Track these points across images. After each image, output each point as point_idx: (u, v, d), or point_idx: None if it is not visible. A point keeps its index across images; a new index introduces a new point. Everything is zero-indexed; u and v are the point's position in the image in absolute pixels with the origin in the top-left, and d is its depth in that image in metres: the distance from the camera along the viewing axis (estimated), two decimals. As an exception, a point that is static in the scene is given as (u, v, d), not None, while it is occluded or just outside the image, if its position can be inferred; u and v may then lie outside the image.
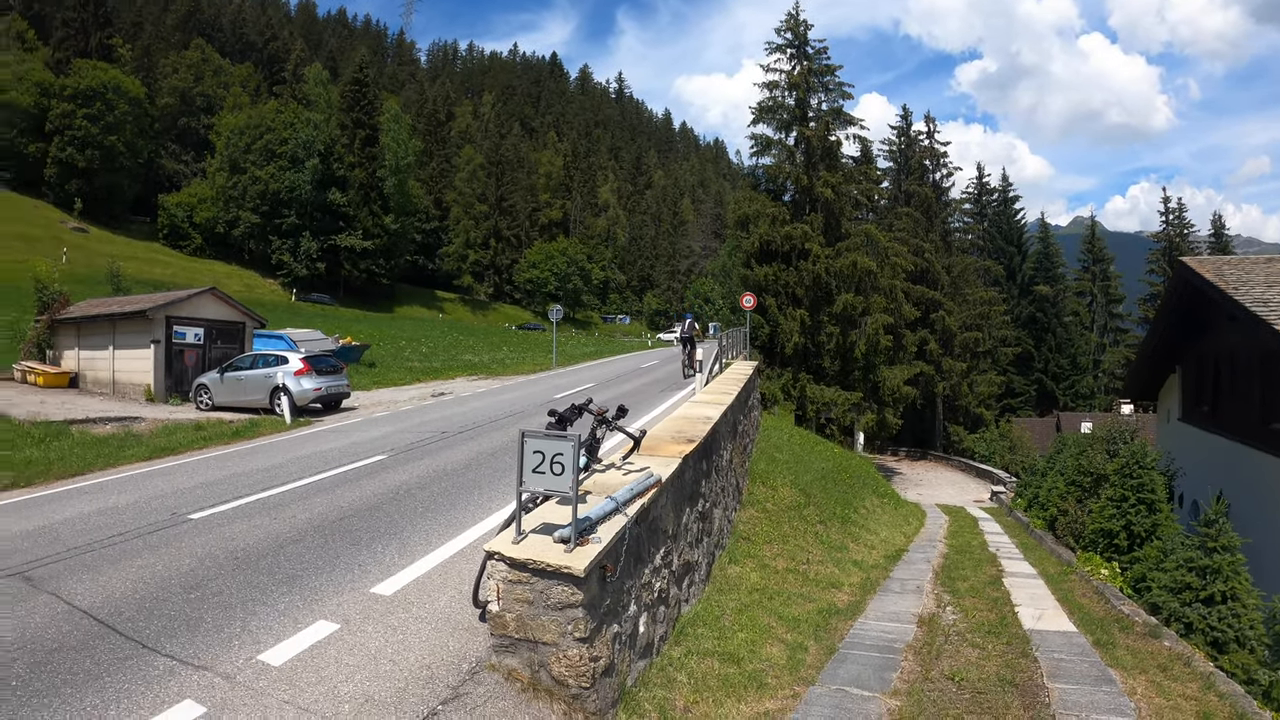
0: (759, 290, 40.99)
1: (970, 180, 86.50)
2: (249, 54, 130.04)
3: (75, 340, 28.60)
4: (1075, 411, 58.22)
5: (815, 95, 46.16)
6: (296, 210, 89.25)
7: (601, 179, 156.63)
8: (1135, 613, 10.58)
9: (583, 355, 51.94)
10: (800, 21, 46.28)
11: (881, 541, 17.03)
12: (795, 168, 44.44)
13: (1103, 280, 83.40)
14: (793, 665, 7.50)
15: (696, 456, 9.57)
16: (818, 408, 41.31)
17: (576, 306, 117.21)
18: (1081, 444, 21.67)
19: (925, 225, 61.58)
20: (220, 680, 5.51)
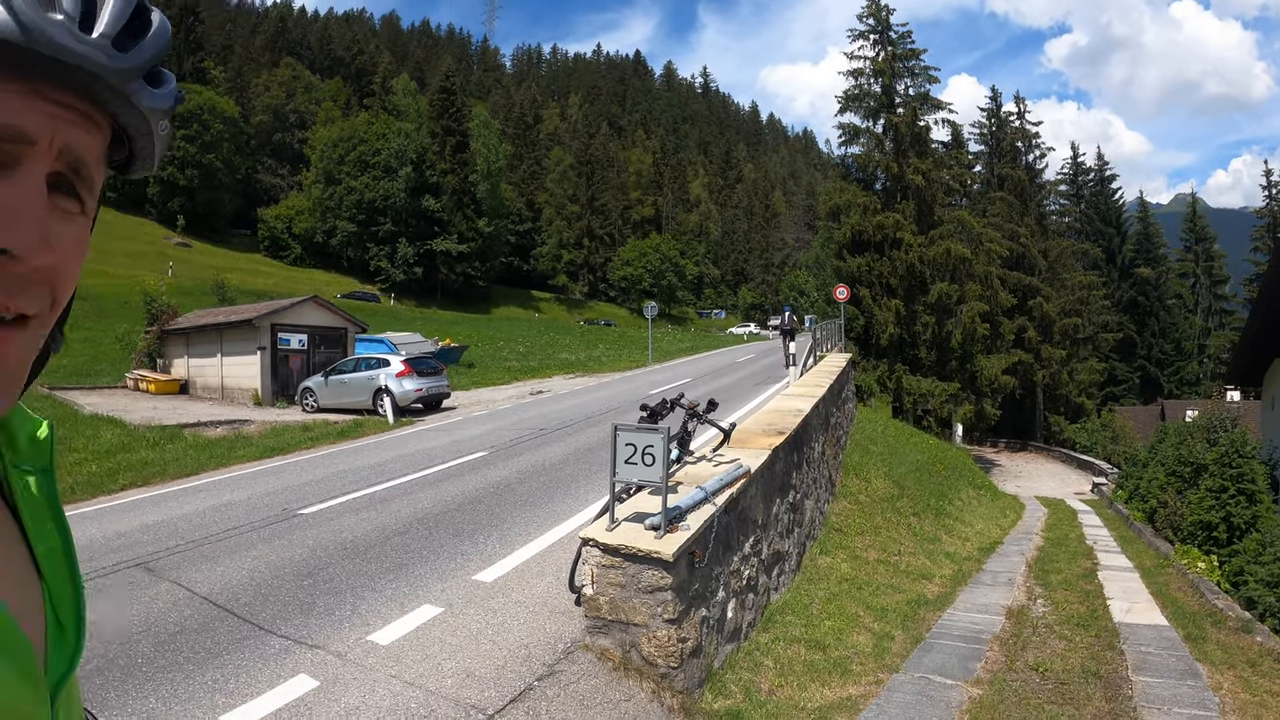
0: (852, 281, 40.76)
1: (1065, 160, 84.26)
2: (337, 69, 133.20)
3: (184, 349, 29.91)
4: (1180, 399, 56.60)
5: (901, 81, 45.67)
6: (392, 217, 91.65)
7: (692, 174, 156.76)
8: (1229, 607, 10.50)
9: (678, 351, 52.16)
10: (882, 7, 45.88)
11: (976, 534, 17.00)
12: (884, 156, 44.04)
13: (1206, 260, 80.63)
14: (878, 653, 7.72)
15: (786, 449, 9.81)
16: (914, 399, 40.93)
17: (671, 303, 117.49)
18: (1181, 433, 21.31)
19: (1020, 209, 60.31)
20: (332, 657, 5.93)
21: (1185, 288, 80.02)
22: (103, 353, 35.29)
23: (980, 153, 67.00)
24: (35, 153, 0.67)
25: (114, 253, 67.48)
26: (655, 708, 5.69)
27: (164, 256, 71.86)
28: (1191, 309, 79.19)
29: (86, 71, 0.66)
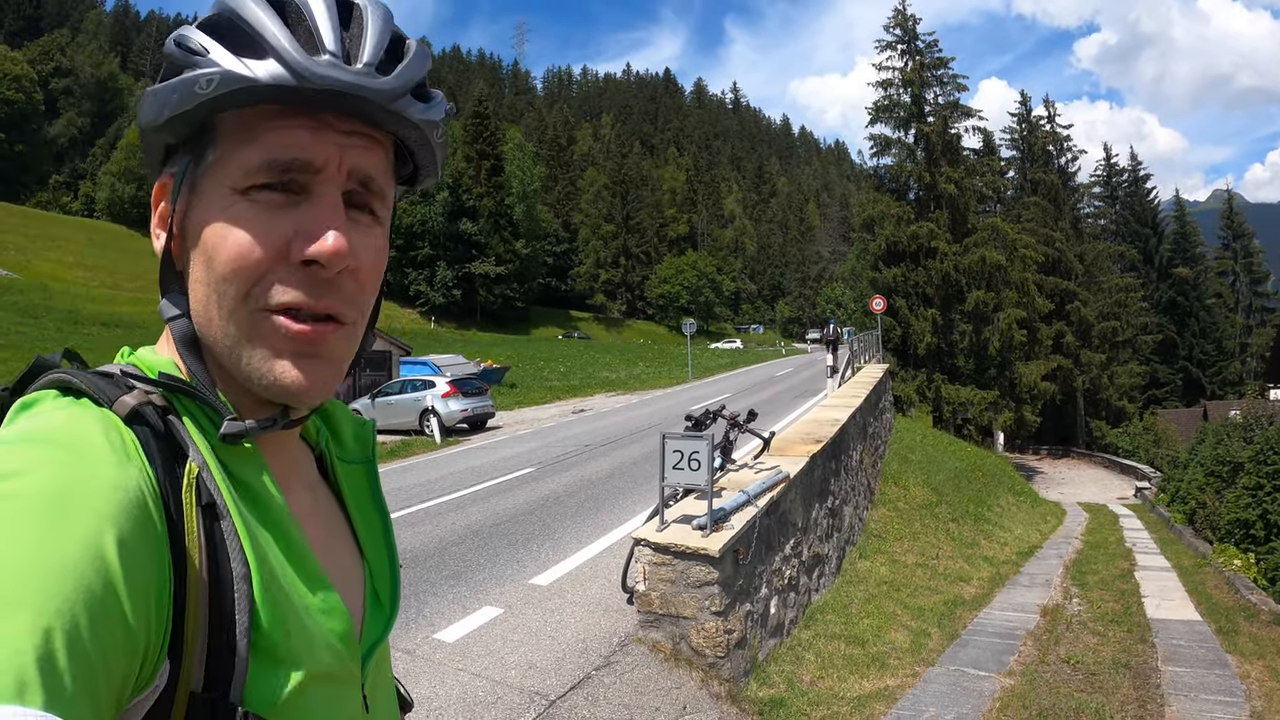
0: (888, 292, 40.78)
1: (1098, 162, 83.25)
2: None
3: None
4: (1223, 399, 55.98)
5: (930, 89, 45.86)
6: (430, 241, 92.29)
7: (725, 190, 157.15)
8: (1263, 602, 10.69)
9: (718, 367, 52.42)
10: (908, 16, 46.14)
11: (1015, 539, 17.19)
12: (916, 165, 44.19)
13: (1245, 257, 79.68)
14: (915, 649, 8.08)
15: (824, 456, 10.21)
16: (953, 408, 40.95)
17: (709, 319, 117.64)
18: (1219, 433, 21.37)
19: (1054, 213, 59.97)
20: (401, 655, 6.40)
21: (1225, 286, 79.05)
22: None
23: (1012, 158, 66.63)
24: (325, 177, 0.80)
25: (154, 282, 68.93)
26: (704, 695, 6.10)
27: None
28: (1232, 307, 78.19)
29: (358, 97, 0.78)
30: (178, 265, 0.85)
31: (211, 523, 0.74)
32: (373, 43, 0.79)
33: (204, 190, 0.80)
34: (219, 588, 0.72)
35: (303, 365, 0.80)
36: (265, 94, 0.75)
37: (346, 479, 1.03)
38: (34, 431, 0.69)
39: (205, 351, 0.83)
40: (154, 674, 0.67)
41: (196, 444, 0.78)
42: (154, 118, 0.79)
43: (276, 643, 0.74)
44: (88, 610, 0.59)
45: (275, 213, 0.78)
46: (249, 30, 0.76)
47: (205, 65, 0.75)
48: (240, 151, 0.78)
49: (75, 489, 0.64)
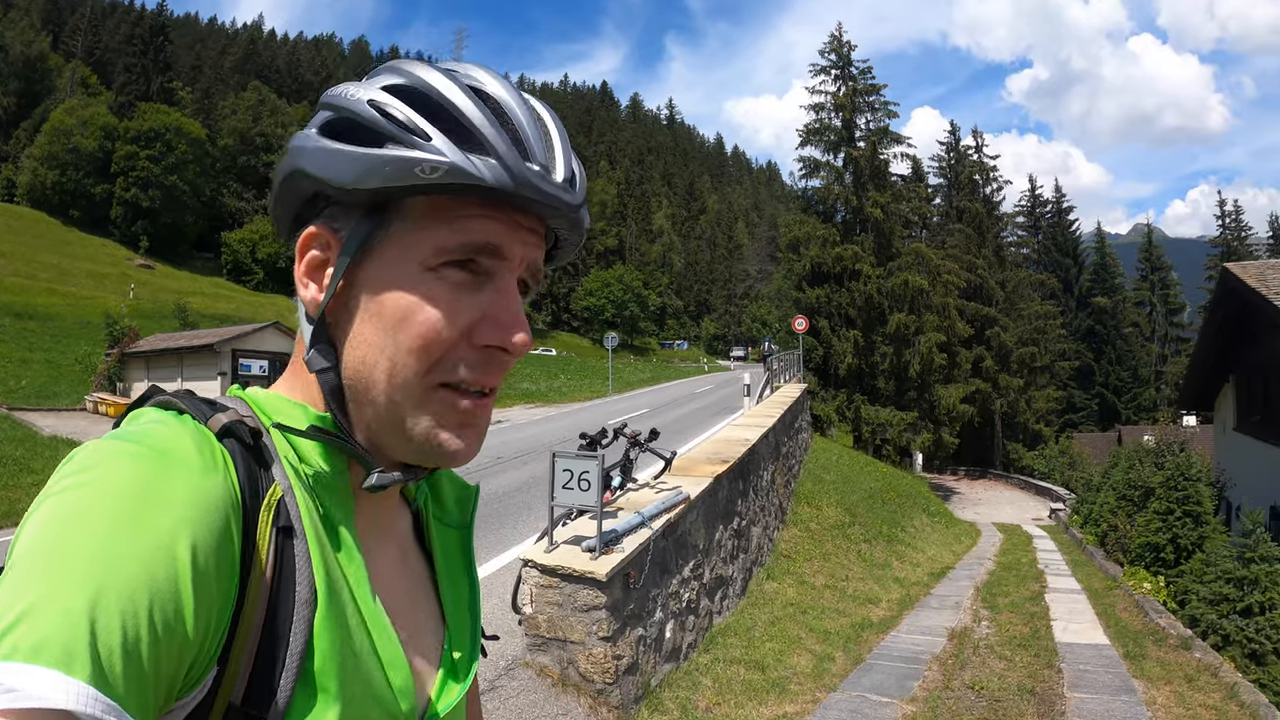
0: (811, 313, 41.01)
1: (1023, 193, 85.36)
2: (305, 94, 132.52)
3: (145, 373, 29.74)
4: (1138, 425, 57.22)
5: (862, 115, 46.08)
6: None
7: (656, 205, 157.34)
8: (1172, 625, 10.71)
9: (639, 381, 52.37)
10: (844, 43, 46.41)
11: (928, 559, 17.18)
12: (844, 189, 44.41)
13: (1162, 289, 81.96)
14: (818, 674, 7.86)
15: (731, 476, 9.98)
16: (873, 429, 41.15)
17: (634, 333, 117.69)
18: (1131, 458, 21.63)
19: (977, 241, 60.88)
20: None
21: (1142, 316, 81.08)
22: (62, 374, 34.94)
23: (940, 186, 67.70)
24: (509, 267, 0.85)
25: (75, 273, 67.12)
26: None
27: (126, 278, 71.11)
28: (1148, 337, 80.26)
29: (554, 207, 0.83)
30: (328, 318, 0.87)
31: (286, 544, 0.77)
32: (563, 159, 0.85)
33: (385, 258, 0.83)
34: (279, 607, 0.75)
35: (464, 434, 0.85)
36: (483, 191, 0.80)
37: (440, 541, 1.04)
38: (129, 434, 0.74)
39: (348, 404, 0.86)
40: (202, 678, 0.69)
41: (285, 471, 0.81)
42: (348, 179, 0.81)
43: (328, 675, 0.76)
44: (150, 601, 0.61)
45: (464, 295, 0.83)
46: (462, 122, 0.81)
47: (427, 150, 0.78)
48: (435, 230, 0.82)
49: (156, 488, 0.67)
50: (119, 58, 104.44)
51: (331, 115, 0.84)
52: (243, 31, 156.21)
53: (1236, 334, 19.57)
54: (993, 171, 67.58)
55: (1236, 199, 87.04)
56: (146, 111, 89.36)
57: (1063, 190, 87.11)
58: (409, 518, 1.02)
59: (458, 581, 1.04)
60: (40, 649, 0.56)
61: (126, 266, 79.35)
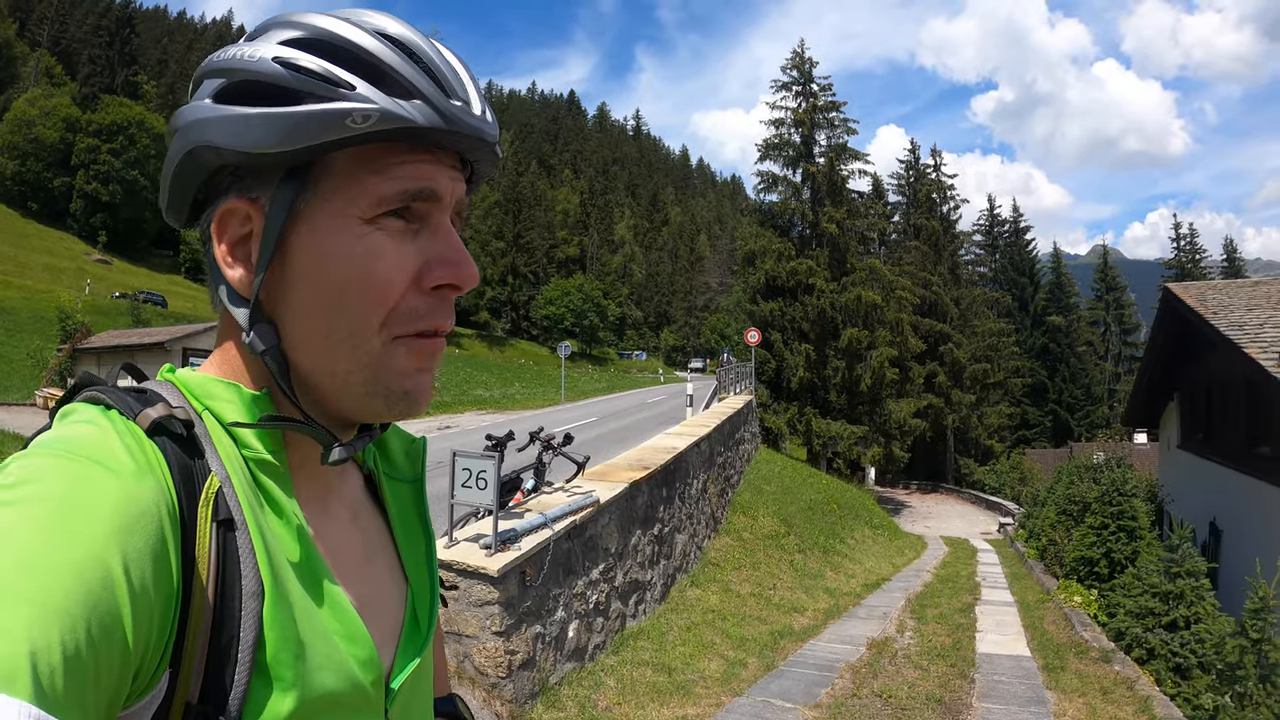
0: (765, 325, 41.22)
1: (982, 212, 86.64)
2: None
3: (96, 369, 29.06)
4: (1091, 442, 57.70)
5: (821, 131, 46.42)
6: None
7: (618, 215, 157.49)
8: (1095, 638, 10.74)
9: (594, 390, 52.27)
10: (806, 59, 46.75)
11: (865, 571, 17.20)
12: (801, 203, 44.69)
13: (1116, 309, 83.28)
14: (726, 679, 7.79)
15: (652, 483, 9.94)
16: (824, 442, 41.36)
17: (593, 343, 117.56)
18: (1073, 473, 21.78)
19: (934, 258, 61.42)
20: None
21: (1096, 335, 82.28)
22: (14, 368, 34.50)
23: (899, 203, 68.36)
24: (441, 206, 0.84)
25: (32, 266, 66.15)
26: (486, 715, 5.83)
27: (83, 273, 70.20)
28: (1102, 355, 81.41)
29: (478, 139, 0.83)
30: (261, 295, 0.84)
31: (227, 538, 0.75)
32: (476, 90, 0.85)
33: (316, 219, 0.81)
34: (226, 603, 0.74)
35: (423, 380, 0.86)
36: (411, 134, 0.79)
37: (393, 497, 1.03)
38: (57, 440, 0.72)
39: (297, 379, 0.85)
40: (153, 682, 0.69)
41: (221, 458, 0.79)
42: (269, 142, 0.77)
43: (283, 663, 0.75)
44: (86, 614, 0.60)
45: (405, 242, 0.82)
46: (379, 66, 0.79)
47: (355, 99, 0.77)
48: (368, 181, 0.80)
49: (87, 497, 0.66)
50: (85, 48, 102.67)
51: (223, 81, 0.81)
52: (211, 27, 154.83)
53: (1179, 353, 19.74)
54: (950, 190, 68.29)
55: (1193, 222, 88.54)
56: (110, 104, 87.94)
57: (1020, 210, 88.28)
58: (359, 479, 1.01)
59: (413, 536, 1.03)
60: None
61: (84, 261, 78.20)
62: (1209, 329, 15.12)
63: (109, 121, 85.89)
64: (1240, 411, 15.74)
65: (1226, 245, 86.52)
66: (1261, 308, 14.94)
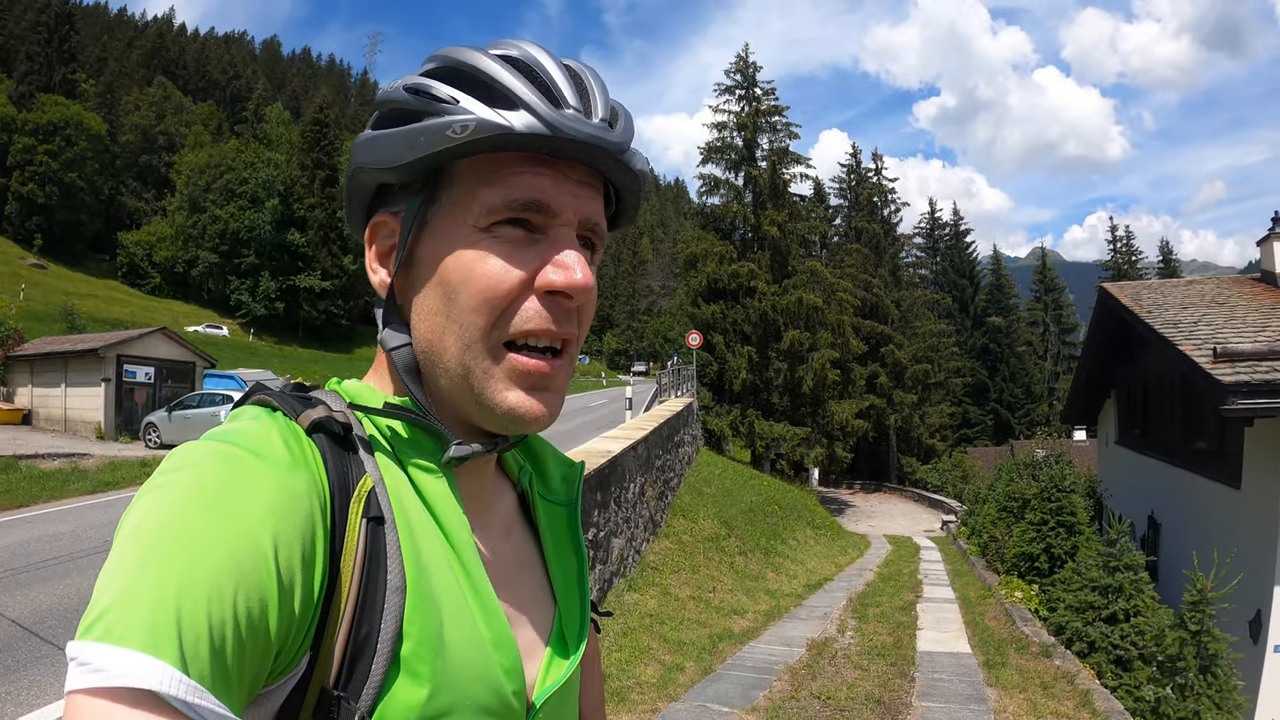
0: (707, 328, 41.21)
1: (923, 215, 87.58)
2: (211, 92, 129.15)
3: (29, 377, 28.58)
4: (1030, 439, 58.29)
5: (764, 135, 46.45)
6: (255, 250, 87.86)
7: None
8: (1036, 633, 10.73)
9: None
10: (749, 64, 46.78)
11: (807, 571, 17.15)
12: (743, 207, 44.70)
13: (1055, 309, 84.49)
14: (663, 684, 7.62)
15: (586, 487, 9.73)
16: (767, 443, 41.37)
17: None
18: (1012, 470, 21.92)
19: (874, 261, 61.98)
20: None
21: (1036, 335, 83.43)
22: (-54, 376, 33.38)
23: (840, 206, 68.97)
24: (562, 221, 0.86)
25: (-36, 271, 64.30)
26: None
27: (17, 278, 67.95)
28: (1041, 355, 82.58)
29: (597, 148, 0.84)
30: (398, 299, 0.92)
31: (376, 533, 0.79)
32: (601, 101, 0.87)
33: (440, 228, 0.87)
34: (369, 594, 0.77)
35: (536, 395, 0.86)
36: (516, 142, 0.82)
37: (547, 518, 1.05)
38: (221, 433, 0.77)
39: (425, 379, 0.89)
40: (294, 663, 0.73)
41: (377, 461, 0.84)
42: (391, 158, 0.85)
43: (422, 659, 0.78)
44: (234, 588, 0.64)
45: (519, 248, 0.85)
46: (492, 83, 0.83)
47: (457, 113, 0.82)
48: (483, 192, 0.84)
49: (243, 483, 0.70)
50: (22, 45, 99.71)
51: (380, 112, 0.88)
52: (152, 25, 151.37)
53: (1116, 352, 19.91)
54: (891, 194, 69.14)
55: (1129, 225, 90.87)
56: (46, 103, 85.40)
57: (960, 213, 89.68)
58: (513, 497, 1.04)
59: (566, 558, 1.04)
60: (128, 632, 0.60)
61: (19, 265, 75.83)
62: (1144, 327, 15.20)
63: (46, 121, 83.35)
64: (1176, 407, 15.88)
65: (1162, 247, 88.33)
66: (1195, 306, 15.08)
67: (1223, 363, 11.19)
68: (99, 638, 0.60)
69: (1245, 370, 10.85)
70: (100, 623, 0.60)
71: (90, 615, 0.62)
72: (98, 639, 0.60)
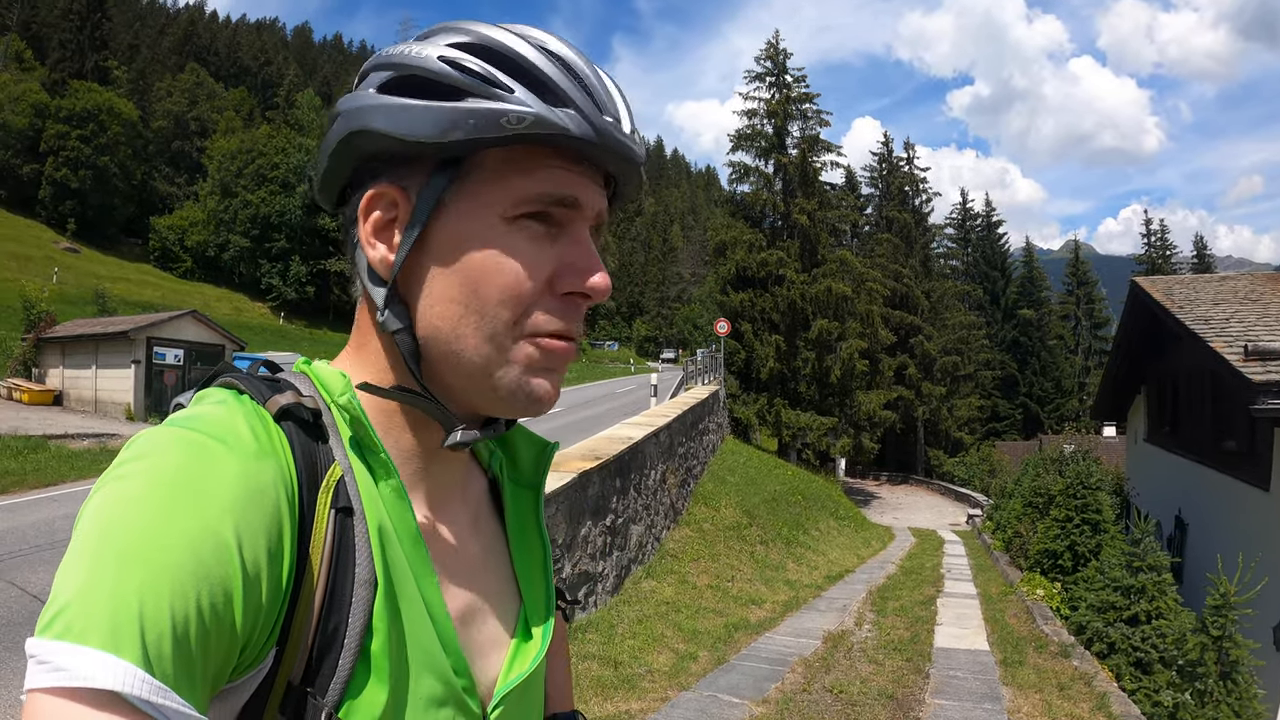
0: (735, 316, 40.97)
1: (955, 205, 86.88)
2: (243, 78, 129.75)
3: (60, 359, 29.01)
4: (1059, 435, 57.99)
5: (794, 122, 46.06)
6: (286, 234, 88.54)
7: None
8: (1056, 632, 10.65)
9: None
10: (780, 50, 46.41)
11: (828, 563, 17.08)
12: (772, 195, 44.34)
13: (1087, 303, 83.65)
14: (675, 672, 7.61)
15: (605, 473, 9.76)
16: (793, 432, 41.21)
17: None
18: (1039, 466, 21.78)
19: (905, 251, 61.58)
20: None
21: (1067, 329, 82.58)
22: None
23: (871, 195, 68.54)
24: (581, 216, 0.85)
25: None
26: None
27: (50, 261, 68.75)
28: (1073, 349, 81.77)
29: (625, 157, 0.84)
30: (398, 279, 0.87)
31: (345, 525, 0.78)
32: (628, 112, 0.87)
33: (462, 211, 0.83)
34: (338, 588, 0.76)
35: (550, 379, 0.87)
36: (561, 141, 0.81)
37: (513, 505, 1.04)
38: (185, 418, 0.75)
39: (426, 365, 0.86)
40: (259, 658, 0.72)
41: (346, 449, 0.83)
42: (429, 133, 0.80)
43: (386, 655, 0.77)
44: (197, 584, 0.63)
45: (543, 246, 0.84)
46: (539, 77, 0.81)
47: (512, 102, 0.79)
48: (514, 181, 0.82)
49: (206, 472, 0.69)
50: (55, 33, 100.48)
51: (391, 74, 0.84)
52: (184, 11, 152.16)
53: (1146, 347, 19.70)
54: (923, 183, 68.69)
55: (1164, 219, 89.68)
56: (79, 90, 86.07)
57: (993, 204, 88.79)
58: (484, 482, 1.02)
59: (529, 545, 1.02)
60: (89, 630, 0.59)
61: (52, 249, 76.64)
62: (1175, 323, 15.03)
63: (79, 107, 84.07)
64: (1206, 406, 15.69)
65: (1196, 242, 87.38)
66: (1228, 302, 14.87)
67: (1254, 361, 11.05)
68: (59, 635, 0.59)
69: (1276, 369, 10.71)
70: (60, 619, 0.60)
71: (50, 611, 0.61)
72: (57, 636, 0.59)
